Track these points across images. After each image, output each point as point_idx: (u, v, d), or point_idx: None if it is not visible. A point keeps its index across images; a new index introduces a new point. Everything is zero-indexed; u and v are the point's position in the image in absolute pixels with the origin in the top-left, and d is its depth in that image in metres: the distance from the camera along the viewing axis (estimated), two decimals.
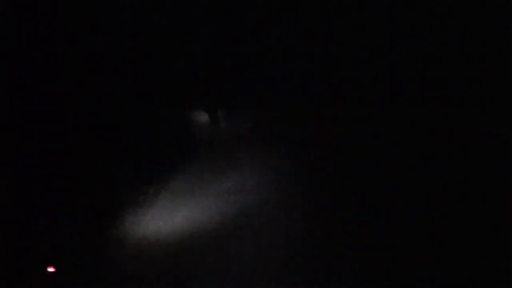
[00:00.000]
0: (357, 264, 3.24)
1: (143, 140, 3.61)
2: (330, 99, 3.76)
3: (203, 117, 3.70)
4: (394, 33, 3.73)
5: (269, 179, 3.48)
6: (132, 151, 3.58)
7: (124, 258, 3.33)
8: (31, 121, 3.63)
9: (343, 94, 3.76)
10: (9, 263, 3.29)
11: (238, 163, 3.49)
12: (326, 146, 3.56)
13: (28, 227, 3.40)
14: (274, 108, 3.72)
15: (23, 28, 3.63)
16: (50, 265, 3.29)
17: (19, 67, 3.65)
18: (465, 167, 3.48)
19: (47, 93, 3.70)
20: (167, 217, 3.39)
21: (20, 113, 3.63)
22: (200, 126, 3.66)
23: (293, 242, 3.29)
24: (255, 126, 3.61)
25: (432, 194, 3.45)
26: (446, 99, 3.64)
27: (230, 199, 3.41)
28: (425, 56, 3.71)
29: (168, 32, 3.79)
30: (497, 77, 3.51)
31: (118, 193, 3.48)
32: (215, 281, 3.21)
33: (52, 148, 3.56)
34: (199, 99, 3.80)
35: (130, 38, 3.75)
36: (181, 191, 3.46)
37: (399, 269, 3.20)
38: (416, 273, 3.17)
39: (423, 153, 3.57)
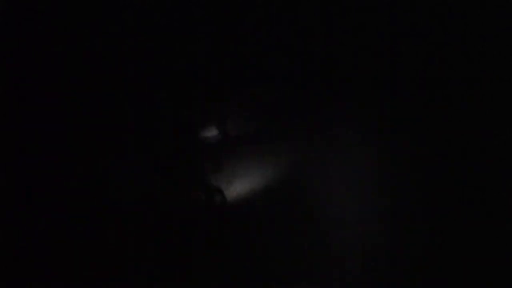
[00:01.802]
0: None
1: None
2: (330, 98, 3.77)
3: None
4: (394, 33, 3.74)
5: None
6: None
7: None
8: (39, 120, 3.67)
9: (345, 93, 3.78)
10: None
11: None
12: None
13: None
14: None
15: (23, 28, 3.64)
16: None
17: (19, 67, 3.66)
18: (465, 167, 3.50)
19: (48, 93, 3.71)
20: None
21: (21, 113, 3.65)
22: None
23: None
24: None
25: (431, 194, 3.46)
26: (446, 99, 3.65)
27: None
28: (425, 56, 3.72)
29: (169, 33, 3.80)
30: (497, 77, 3.52)
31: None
32: None
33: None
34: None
35: (131, 39, 3.76)
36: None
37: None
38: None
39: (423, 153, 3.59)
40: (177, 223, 3.58)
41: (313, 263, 3.36)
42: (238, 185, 3.74)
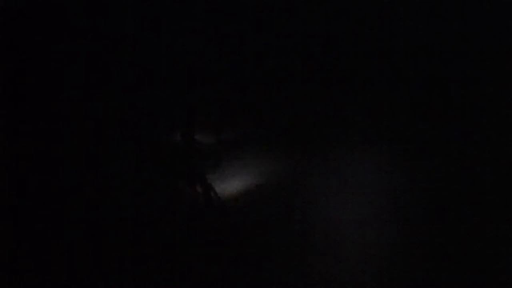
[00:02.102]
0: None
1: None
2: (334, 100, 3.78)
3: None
4: (394, 33, 3.73)
5: None
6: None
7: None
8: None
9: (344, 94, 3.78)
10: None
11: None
12: None
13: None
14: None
15: (23, 28, 3.64)
16: None
17: (19, 67, 3.66)
18: (465, 167, 3.49)
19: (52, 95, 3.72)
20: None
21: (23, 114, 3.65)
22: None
23: None
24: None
25: (432, 194, 3.45)
26: (446, 99, 3.64)
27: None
28: (425, 56, 3.72)
29: (169, 36, 3.81)
30: (497, 77, 3.51)
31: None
32: None
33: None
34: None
35: (132, 40, 3.76)
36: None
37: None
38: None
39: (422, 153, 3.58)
40: (174, 216, 3.64)
41: (305, 253, 3.37)
42: (231, 183, 3.84)
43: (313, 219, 3.50)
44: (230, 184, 3.79)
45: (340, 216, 3.47)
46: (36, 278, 3.29)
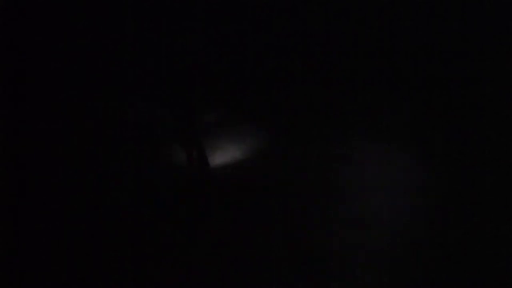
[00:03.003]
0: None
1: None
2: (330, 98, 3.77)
3: None
4: (394, 33, 3.74)
5: None
6: None
7: None
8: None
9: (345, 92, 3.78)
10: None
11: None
12: None
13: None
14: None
15: (23, 28, 3.64)
16: None
17: (19, 67, 3.66)
18: (466, 166, 3.49)
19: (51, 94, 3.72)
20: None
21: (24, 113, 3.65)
22: None
23: None
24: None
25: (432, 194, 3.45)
26: (446, 99, 3.64)
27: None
28: (425, 56, 3.72)
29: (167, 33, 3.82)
30: (497, 77, 3.52)
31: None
32: None
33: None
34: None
35: (131, 38, 3.77)
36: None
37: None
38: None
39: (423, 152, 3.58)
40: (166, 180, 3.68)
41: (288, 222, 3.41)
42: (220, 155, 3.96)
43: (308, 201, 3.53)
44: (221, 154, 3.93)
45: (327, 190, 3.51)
46: (36, 278, 3.30)
